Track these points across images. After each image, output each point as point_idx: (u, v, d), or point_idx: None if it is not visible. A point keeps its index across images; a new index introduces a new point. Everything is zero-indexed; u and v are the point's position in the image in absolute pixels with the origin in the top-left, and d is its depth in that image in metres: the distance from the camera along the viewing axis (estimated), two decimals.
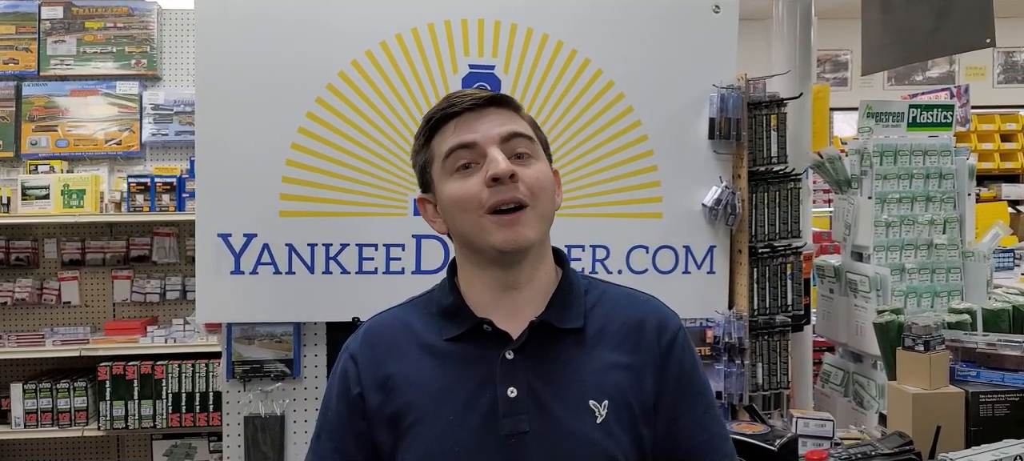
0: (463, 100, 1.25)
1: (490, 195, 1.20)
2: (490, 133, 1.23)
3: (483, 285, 1.27)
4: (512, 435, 1.19)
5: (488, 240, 1.21)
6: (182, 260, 4.40)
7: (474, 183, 1.22)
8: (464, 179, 1.23)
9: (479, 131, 1.23)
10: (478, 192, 1.21)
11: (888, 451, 1.79)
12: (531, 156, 1.25)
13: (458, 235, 1.27)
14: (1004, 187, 7.08)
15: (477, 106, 1.25)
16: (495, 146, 1.22)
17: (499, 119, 1.25)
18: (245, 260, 2.27)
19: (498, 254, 1.23)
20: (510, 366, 1.22)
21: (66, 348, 4.12)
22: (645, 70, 2.43)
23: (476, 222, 1.22)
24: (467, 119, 1.24)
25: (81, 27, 4.34)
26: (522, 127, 1.26)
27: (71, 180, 4.11)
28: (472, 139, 1.23)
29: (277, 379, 2.35)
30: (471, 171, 1.23)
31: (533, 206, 1.22)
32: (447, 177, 1.25)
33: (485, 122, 1.24)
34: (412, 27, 2.33)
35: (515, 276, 1.26)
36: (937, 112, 2.59)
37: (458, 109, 1.25)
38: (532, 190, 1.22)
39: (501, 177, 1.20)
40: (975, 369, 1.98)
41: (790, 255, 2.47)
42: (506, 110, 1.27)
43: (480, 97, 1.25)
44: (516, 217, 1.21)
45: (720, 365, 2.40)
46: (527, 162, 1.24)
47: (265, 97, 2.27)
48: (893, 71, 7.79)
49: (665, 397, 1.25)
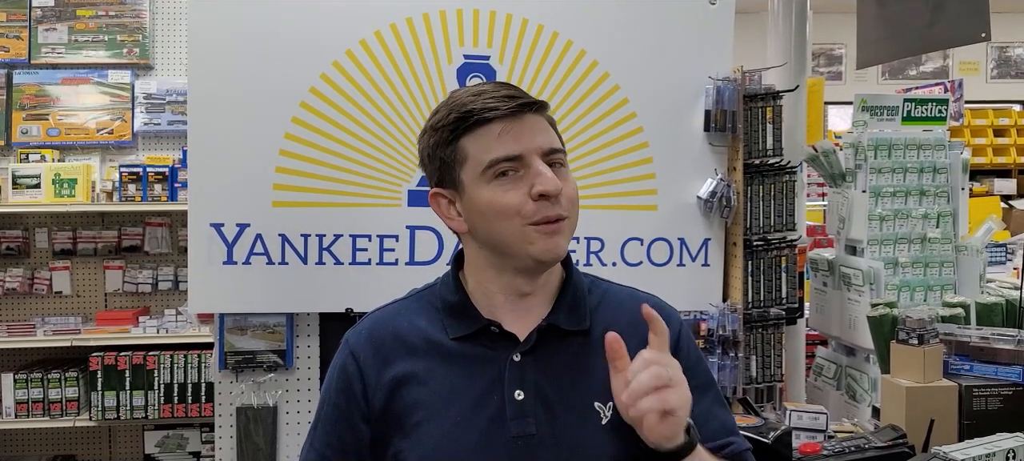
0: (504, 102, 1.21)
1: (537, 209, 1.20)
2: (533, 145, 1.21)
3: (497, 287, 1.27)
4: (519, 437, 1.20)
5: (527, 249, 1.22)
6: (174, 250, 4.37)
7: (517, 195, 1.20)
8: (506, 189, 1.21)
9: (523, 142, 1.21)
10: (522, 203, 1.20)
11: (882, 444, 1.80)
12: (564, 168, 1.25)
13: (486, 239, 1.25)
14: (996, 182, 7.11)
15: (518, 112, 1.22)
16: (539, 159, 1.21)
17: (539, 129, 1.23)
18: (238, 250, 2.26)
19: (534, 263, 1.23)
20: (518, 368, 1.23)
21: (57, 338, 4.09)
22: (641, 62, 2.42)
23: (518, 231, 1.21)
24: (510, 125, 1.21)
25: (72, 15, 4.31)
26: (557, 141, 1.26)
27: (62, 169, 4.08)
28: (518, 151, 1.21)
29: (270, 370, 2.35)
30: (511, 180, 1.21)
31: (570, 217, 1.24)
32: (485, 183, 1.22)
33: (527, 131, 1.22)
34: (407, 17, 2.32)
35: (534, 283, 1.27)
36: (931, 106, 2.59)
37: (500, 113, 1.21)
38: (570, 203, 1.23)
39: (551, 195, 1.20)
40: (968, 363, 1.98)
41: (785, 248, 2.47)
42: (541, 117, 1.25)
43: (520, 100, 1.22)
44: (558, 227, 1.22)
45: (714, 358, 2.40)
46: (563, 176, 1.24)
47: (259, 86, 2.25)
48: (887, 66, 7.80)
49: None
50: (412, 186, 2.33)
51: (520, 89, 1.27)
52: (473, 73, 2.34)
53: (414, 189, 2.33)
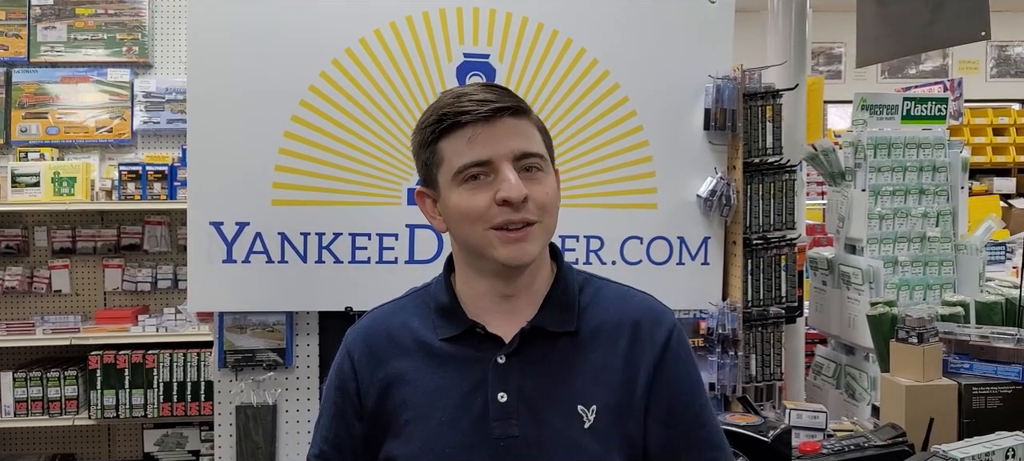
0: (478, 106, 1.20)
1: (499, 213, 1.19)
2: (504, 150, 1.19)
3: (481, 289, 1.27)
4: (502, 438, 1.20)
5: (492, 254, 1.21)
6: (174, 249, 4.37)
7: (483, 199, 1.19)
8: (473, 192, 1.20)
9: (492, 147, 1.19)
10: (486, 208, 1.19)
11: (881, 443, 1.80)
12: (542, 172, 1.23)
13: (461, 241, 1.26)
14: (996, 181, 7.11)
15: (493, 116, 1.20)
16: (508, 164, 1.19)
17: (513, 133, 1.21)
18: (237, 249, 2.26)
19: (501, 267, 1.22)
20: (502, 370, 1.23)
21: (57, 337, 4.09)
22: (641, 60, 2.42)
23: (482, 235, 1.21)
24: (481, 130, 1.19)
25: (72, 13, 4.30)
26: (535, 144, 1.23)
27: (62, 168, 4.07)
28: (486, 156, 1.19)
29: (269, 368, 2.34)
30: (480, 184, 1.20)
31: (540, 222, 1.22)
32: (455, 186, 1.22)
33: (500, 136, 1.20)
34: (406, 15, 2.31)
35: (513, 285, 1.26)
36: (931, 105, 2.59)
37: (473, 116, 1.19)
38: (541, 208, 1.21)
39: (513, 202, 1.18)
40: (968, 361, 1.99)
41: (784, 246, 2.47)
42: (520, 120, 1.23)
43: (494, 105, 1.20)
44: (523, 234, 1.20)
45: (714, 356, 2.40)
46: (537, 179, 1.22)
47: (258, 85, 2.25)
48: (886, 64, 7.80)
49: (662, 396, 1.25)
50: (412, 184, 2.33)
51: (506, 91, 1.25)
52: (473, 71, 2.34)
53: (414, 187, 2.32)
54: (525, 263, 1.22)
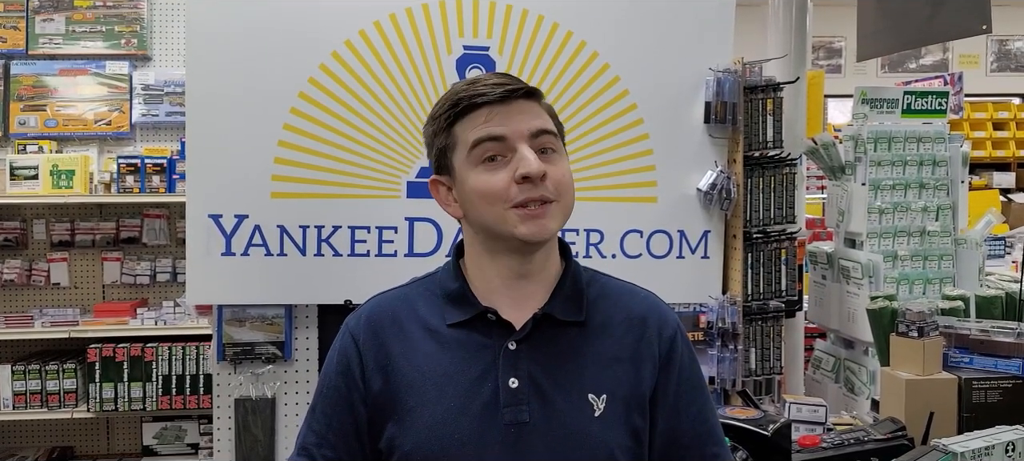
0: (492, 89, 1.22)
1: (519, 192, 1.21)
2: (520, 128, 1.22)
3: (494, 272, 1.27)
4: (512, 424, 1.21)
5: (512, 231, 1.22)
6: (172, 242, 4.36)
7: (502, 178, 1.21)
8: (491, 172, 1.22)
9: (509, 125, 1.22)
10: (506, 187, 1.21)
11: (881, 436, 1.80)
12: (556, 153, 1.25)
13: (477, 223, 1.26)
14: (995, 175, 7.11)
15: (507, 97, 1.23)
16: (525, 142, 1.22)
17: (528, 113, 1.24)
18: (236, 242, 2.26)
19: (521, 244, 1.23)
20: (513, 356, 1.23)
21: (55, 330, 4.08)
22: (642, 53, 2.41)
23: (501, 214, 1.22)
24: (497, 110, 1.22)
25: (70, 5, 4.28)
26: (549, 124, 1.26)
27: (60, 160, 4.07)
28: (502, 132, 1.22)
29: (268, 361, 2.34)
30: (498, 164, 1.22)
31: (558, 200, 1.23)
32: (472, 167, 1.23)
33: (515, 115, 1.22)
34: (406, 7, 2.31)
35: (528, 265, 1.27)
36: (931, 99, 2.58)
37: (488, 98, 1.22)
38: (558, 187, 1.23)
39: (533, 177, 1.20)
40: (968, 355, 1.98)
41: (784, 240, 2.47)
42: (533, 102, 1.26)
43: (509, 87, 1.23)
44: (542, 211, 1.22)
45: (713, 350, 2.40)
46: (554, 159, 1.24)
47: (257, 78, 2.24)
48: (886, 59, 7.79)
49: (667, 394, 1.28)
50: (411, 177, 2.32)
51: (516, 79, 1.27)
52: (472, 64, 2.33)
53: (413, 180, 2.32)
54: (544, 239, 1.24)
